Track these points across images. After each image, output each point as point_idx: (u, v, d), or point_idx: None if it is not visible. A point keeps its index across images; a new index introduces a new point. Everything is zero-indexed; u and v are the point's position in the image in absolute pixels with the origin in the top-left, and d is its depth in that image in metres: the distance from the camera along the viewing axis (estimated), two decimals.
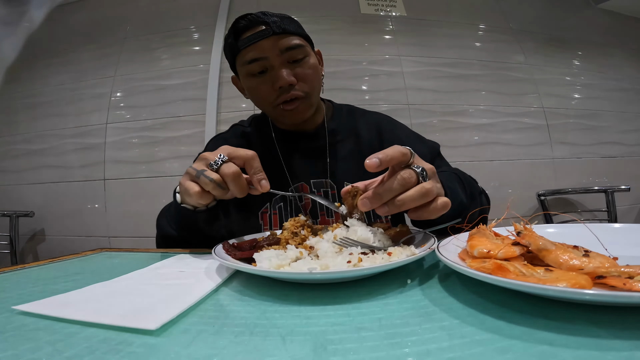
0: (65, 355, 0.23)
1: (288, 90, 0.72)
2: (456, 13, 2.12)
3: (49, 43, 2.15)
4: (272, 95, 0.73)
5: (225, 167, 0.50)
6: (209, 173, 0.49)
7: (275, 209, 0.79)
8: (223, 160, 0.50)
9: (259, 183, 0.52)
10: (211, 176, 0.49)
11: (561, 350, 0.21)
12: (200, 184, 0.50)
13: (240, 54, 0.73)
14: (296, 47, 0.72)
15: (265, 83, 0.73)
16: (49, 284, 0.42)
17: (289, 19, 0.75)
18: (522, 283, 0.25)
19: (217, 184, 0.49)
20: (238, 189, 0.50)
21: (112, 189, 1.89)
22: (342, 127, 0.85)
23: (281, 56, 0.71)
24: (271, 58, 0.71)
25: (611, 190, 1.86)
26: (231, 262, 0.40)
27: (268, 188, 0.52)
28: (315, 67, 0.76)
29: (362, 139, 0.84)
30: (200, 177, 0.49)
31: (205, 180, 0.49)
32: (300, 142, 0.83)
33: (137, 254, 0.62)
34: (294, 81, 0.71)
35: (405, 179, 0.43)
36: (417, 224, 0.69)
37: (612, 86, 2.20)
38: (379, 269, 0.35)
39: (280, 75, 0.70)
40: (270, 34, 0.70)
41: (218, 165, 0.50)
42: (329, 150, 0.82)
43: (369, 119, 0.88)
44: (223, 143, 0.85)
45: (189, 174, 0.52)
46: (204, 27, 1.99)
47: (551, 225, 0.46)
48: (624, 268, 0.27)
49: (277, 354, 0.23)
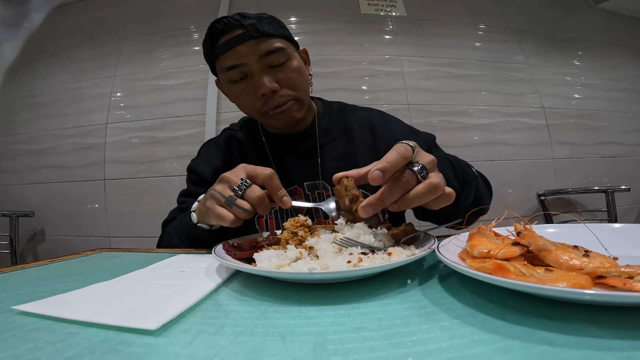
0: (65, 355, 0.23)
1: (272, 97, 0.69)
2: (456, 13, 2.12)
3: (49, 43, 2.15)
4: (256, 103, 0.70)
5: (250, 192, 0.52)
6: (241, 203, 0.52)
7: (271, 213, 0.77)
8: (246, 185, 0.53)
9: (281, 200, 0.54)
10: (244, 207, 0.52)
11: (561, 350, 0.21)
12: (233, 213, 0.53)
13: (219, 60, 0.69)
14: (276, 50, 0.67)
15: (248, 90, 0.69)
16: (49, 284, 0.42)
17: (269, 19, 0.70)
18: (522, 283, 0.25)
19: (249, 212, 0.52)
20: (263, 210, 0.53)
21: (112, 189, 1.89)
22: (334, 126, 0.82)
23: (261, 61, 0.67)
24: (250, 64, 0.67)
25: (611, 190, 1.86)
26: (231, 262, 0.40)
27: (290, 204, 0.54)
28: (299, 69, 0.72)
29: (355, 138, 0.81)
30: (232, 207, 0.52)
31: (238, 210, 0.52)
32: (291, 143, 0.81)
33: (137, 254, 0.62)
34: (276, 87, 0.68)
35: (404, 183, 0.42)
36: (419, 215, 0.68)
37: (612, 86, 2.20)
38: (379, 269, 0.35)
39: (262, 82, 0.67)
40: (247, 39, 0.65)
41: (243, 190, 0.53)
42: (320, 151, 0.80)
43: (360, 116, 0.85)
44: (214, 149, 0.86)
45: (216, 199, 0.54)
46: (204, 27, 1.97)
47: (551, 225, 0.46)
48: (624, 268, 0.27)
49: (277, 354, 0.23)
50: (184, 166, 0.87)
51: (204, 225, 0.60)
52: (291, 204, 0.54)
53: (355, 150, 0.79)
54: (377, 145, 0.79)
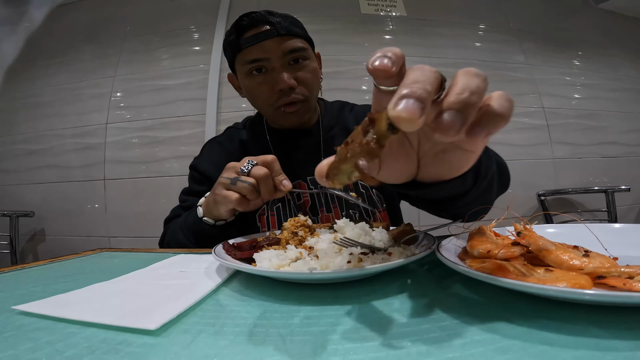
0: (65, 355, 0.23)
1: (288, 93, 0.72)
2: (456, 13, 2.12)
3: (49, 43, 2.15)
4: (271, 97, 0.73)
5: (255, 169, 0.55)
6: (244, 178, 0.55)
7: (272, 210, 0.78)
8: (252, 164, 0.56)
9: (281, 183, 0.57)
10: (248, 180, 0.54)
11: (561, 350, 0.21)
12: (238, 190, 0.55)
13: (242, 52, 0.72)
14: (299, 49, 0.72)
15: (266, 84, 0.72)
16: (49, 284, 0.42)
17: (293, 19, 0.75)
18: (522, 283, 0.25)
19: (253, 186, 0.54)
20: (267, 190, 0.56)
21: (112, 189, 1.89)
22: (334, 123, 0.85)
23: (283, 58, 0.71)
24: (273, 59, 0.70)
25: (611, 191, 1.86)
26: (231, 262, 0.40)
27: (290, 187, 0.57)
28: (315, 71, 0.76)
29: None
30: (236, 183, 0.54)
31: (242, 185, 0.54)
32: (294, 140, 0.83)
33: (137, 253, 0.62)
34: (294, 84, 0.71)
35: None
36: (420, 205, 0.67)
37: (612, 86, 2.20)
38: (379, 269, 0.35)
39: (282, 78, 0.70)
40: (274, 35, 0.69)
41: (249, 169, 0.55)
42: (323, 147, 0.82)
43: (357, 111, 0.88)
44: (218, 147, 0.88)
45: (222, 184, 0.57)
46: (204, 27, 1.99)
47: (551, 226, 0.46)
48: (624, 268, 0.27)
49: (277, 354, 0.23)
50: (184, 166, 0.87)
51: (209, 220, 0.62)
52: (290, 187, 0.57)
53: None
54: None
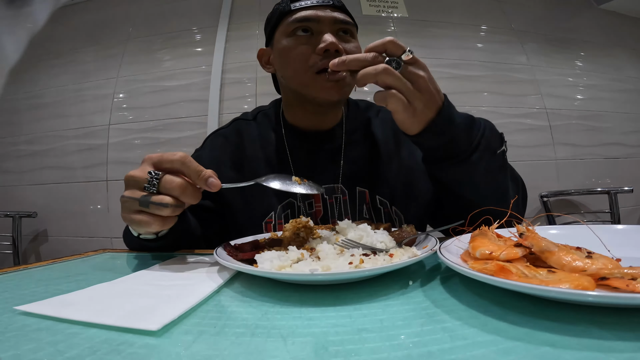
0: (66, 356, 0.23)
1: (334, 56, 0.62)
2: (458, 14, 2.12)
3: (52, 44, 2.16)
4: (314, 58, 0.65)
5: (165, 182, 0.44)
6: (158, 198, 0.44)
7: (281, 218, 0.72)
8: (157, 177, 0.45)
9: (207, 183, 0.45)
10: (164, 201, 0.44)
11: (563, 352, 0.21)
12: (154, 213, 0.45)
13: (290, 13, 0.68)
14: (349, 23, 0.69)
15: (309, 44, 0.66)
16: (51, 285, 0.42)
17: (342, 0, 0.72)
18: (525, 284, 0.25)
19: (174, 206, 0.44)
20: (191, 198, 0.46)
21: (114, 190, 1.90)
22: (358, 126, 0.79)
23: (333, 25, 0.67)
24: (323, 23, 0.66)
25: (614, 192, 1.85)
26: (233, 263, 0.40)
27: (220, 185, 0.46)
28: (359, 50, 0.70)
29: (377, 140, 0.77)
30: (150, 206, 0.44)
31: (158, 208, 0.44)
32: (313, 141, 0.76)
33: (139, 254, 0.62)
34: (341, 49, 0.64)
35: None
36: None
37: (614, 87, 2.19)
38: (381, 270, 0.35)
39: (328, 38, 0.64)
40: (329, 4, 0.68)
41: (155, 185, 0.44)
42: (344, 153, 0.75)
43: (383, 116, 0.81)
44: (222, 140, 0.80)
45: (127, 207, 0.46)
46: (206, 29, 2.00)
47: (554, 227, 0.46)
48: (627, 269, 0.26)
49: (278, 355, 0.23)
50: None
51: (148, 235, 0.52)
52: (220, 186, 0.46)
53: (378, 154, 0.76)
54: (400, 149, 0.77)
